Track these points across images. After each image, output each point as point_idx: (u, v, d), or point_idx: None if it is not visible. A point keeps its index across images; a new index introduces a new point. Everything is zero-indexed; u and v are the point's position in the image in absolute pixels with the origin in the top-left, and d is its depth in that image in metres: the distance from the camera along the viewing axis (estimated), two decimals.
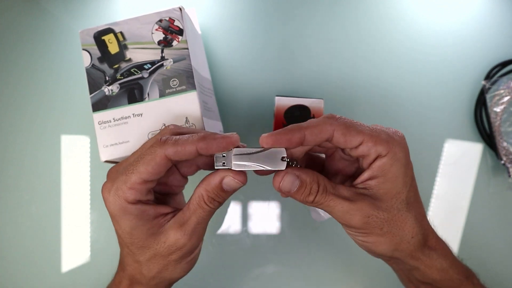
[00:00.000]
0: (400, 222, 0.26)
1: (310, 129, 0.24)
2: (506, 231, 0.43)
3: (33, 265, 0.44)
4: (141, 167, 0.25)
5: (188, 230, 0.26)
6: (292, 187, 0.25)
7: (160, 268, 0.28)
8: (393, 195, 0.26)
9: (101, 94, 0.32)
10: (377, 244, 0.27)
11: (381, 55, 0.45)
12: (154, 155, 0.25)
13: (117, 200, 0.25)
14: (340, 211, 0.25)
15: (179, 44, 0.32)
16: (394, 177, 0.25)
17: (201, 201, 0.26)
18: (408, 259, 0.28)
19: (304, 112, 0.42)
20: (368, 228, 0.26)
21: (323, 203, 0.25)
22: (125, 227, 0.26)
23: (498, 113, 0.43)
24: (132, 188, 0.25)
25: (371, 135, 0.25)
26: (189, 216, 0.26)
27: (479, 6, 0.46)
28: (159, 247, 0.27)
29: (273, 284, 0.43)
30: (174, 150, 0.24)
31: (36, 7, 0.46)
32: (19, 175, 0.44)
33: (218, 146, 0.25)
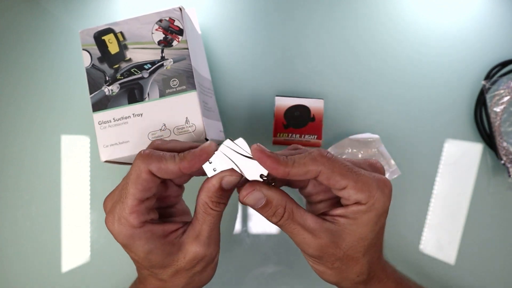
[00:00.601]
0: (352, 263, 0.27)
1: (296, 168, 0.24)
2: (506, 231, 0.43)
3: (33, 265, 0.44)
4: (131, 188, 0.25)
5: (204, 240, 0.27)
6: (257, 204, 0.25)
7: (186, 281, 0.28)
8: (356, 238, 0.26)
9: (101, 94, 0.32)
10: (324, 274, 0.28)
11: (381, 55, 0.45)
12: (139, 172, 0.25)
13: (123, 229, 0.25)
14: (300, 240, 0.26)
15: (179, 44, 0.32)
16: (364, 224, 0.26)
17: (207, 208, 0.26)
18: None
19: (304, 112, 0.42)
20: (321, 260, 0.27)
21: (286, 227, 0.26)
22: (140, 253, 0.26)
23: (498, 113, 0.43)
24: (132, 212, 0.25)
25: (356, 182, 0.25)
26: (201, 226, 0.27)
27: (479, 6, 0.46)
28: (180, 263, 0.27)
29: (273, 284, 0.43)
30: (158, 166, 0.25)
31: (36, 7, 0.46)
32: (19, 175, 0.44)
33: (200, 161, 0.25)
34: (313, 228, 0.26)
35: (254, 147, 0.25)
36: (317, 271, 0.29)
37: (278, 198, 0.25)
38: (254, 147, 0.25)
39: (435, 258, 0.43)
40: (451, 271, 0.43)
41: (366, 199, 0.25)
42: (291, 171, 0.24)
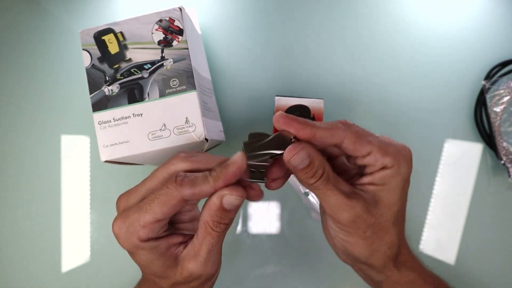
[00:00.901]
0: (383, 232, 0.27)
1: (323, 130, 0.25)
2: (506, 231, 0.43)
3: (33, 265, 0.44)
4: (156, 207, 0.24)
5: (201, 261, 0.26)
6: (301, 164, 0.25)
7: None
8: (386, 205, 0.26)
9: (101, 94, 0.32)
10: (356, 246, 0.27)
11: (381, 55, 0.45)
12: (170, 197, 0.24)
13: (129, 238, 0.25)
14: (333, 203, 0.25)
15: (179, 44, 0.32)
16: (393, 189, 0.26)
17: (207, 227, 0.26)
18: (380, 269, 0.28)
19: (304, 112, 0.42)
20: (352, 228, 0.26)
21: (321, 189, 0.25)
22: (141, 261, 0.26)
23: (498, 113, 0.43)
24: (145, 226, 0.25)
25: (380, 147, 0.25)
26: (200, 246, 0.26)
27: (479, 6, 0.46)
28: (177, 277, 0.27)
29: (273, 284, 0.43)
30: (192, 192, 0.24)
31: (36, 7, 0.46)
32: (19, 175, 0.44)
33: (234, 177, 0.25)
34: (348, 191, 0.25)
35: (277, 114, 0.25)
36: (348, 245, 0.27)
37: (320, 158, 0.25)
38: (277, 114, 0.25)
39: (435, 258, 0.43)
40: (451, 271, 0.43)
41: (392, 162, 0.25)
42: (317, 132, 0.24)
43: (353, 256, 0.28)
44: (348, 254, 0.28)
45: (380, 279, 0.29)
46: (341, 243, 0.28)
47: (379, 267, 0.28)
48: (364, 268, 0.29)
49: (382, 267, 0.28)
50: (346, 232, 0.27)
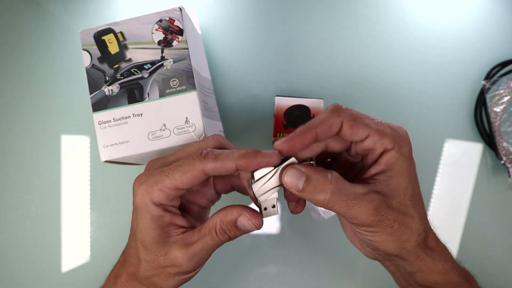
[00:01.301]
0: (408, 219, 0.26)
1: (321, 126, 0.24)
2: (506, 231, 0.43)
3: (33, 265, 0.44)
4: (177, 174, 0.25)
5: (190, 253, 0.26)
6: (298, 183, 0.24)
7: (153, 273, 0.28)
8: (401, 190, 0.26)
9: (101, 94, 0.32)
10: (386, 243, 0.26)
11: (381, 55, 0.45)
12: (192, 167, 0.25)
13: (144, 196, 0.25)
14: (356, 212, 0.24)
15: (179, 44, 0.32)
16: (401, 171, 0.25)
17: (213, 229, 0.26)
18: (412, 259, 0.28)
19: (304, 112, 0.42)
20: (379, 227, 0.25)
21: (339, 203, 0.24)
22: (140, 223, 0.26)
23: (498, 113, 0.43)
24: (161, 190, 0.25)
25: (377, 129, 0.25)
26: (196, 240, 0.26)
27: (479, 6, 0.46)
28: (160, 256, 0.27)
29: (273, 284, 0.43)
30: (214, 166, 0.24)
31: (36, 7, 0.46)
32: (19, 175, 0.44)
33: (258, 165, 0.25)
34: (364, 192, 0.25)
35: (276, 143, 0.24)
36: (378, 244, 0.26)
37: (318, 171, 0.24)
38: (276, 143, 0.24)
39: None
40: None
41: (392, 143, 0.25)
42: (318, 131, 0.24)
43: (384, 252, 0.27)
44: (379, 252, 0.28)
45: (413, 269, 0.28)
46: (369, 243, 0.27)
47: (412, 257, 0.27)
48: (396, 260, 0.29)
49: (416, 256, 0.27)
50: (373, 232, 0.26)
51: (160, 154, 0.32)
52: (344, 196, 0.24)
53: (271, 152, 0.25)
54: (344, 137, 0.25)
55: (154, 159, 0.28)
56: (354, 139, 0.25)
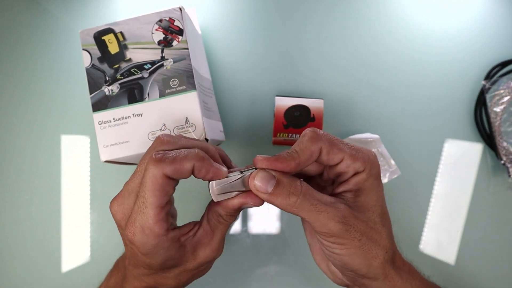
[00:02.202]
0: (375, 235, 0.26)
1: (303, 155, 0.25)
2: (506, 231, 0.43)
3: (33, 265, 0.44)
4: (150, 197, 0.24)
5: (215, 246, 0.28)
6: (268, 186, 0.25)
7: (188, 277, 0.29)
8: (369, 207, 0.26)
9: (101, 94, 0.32)
10: (354, 257, 0.26)
11: (381, 55, 0.45)
12: (154, 179, 0.24)
13: (148, 239, 0.25)
14: (322, 218, 0.25)
15: (179, 44, 0.32)
16: (369, 190, 0.26)
17: (220, 218, 0.28)
18: (381, 279, 0.28)
19: (304, 112, 0.42)
20: (347, 238, 0.25)
21: (307, 207, 0.25)
22: (159, 260, 0.26)
23: (498, 113, 0.43)
24: (157, 222, 0.25)
25: (351, 154, 0.26)
26: (213, 233, 0.28)
27: (479, 6, 0.46)
28: (189, 264, 0.28)
29: (273, 284, 0.43)
30: (173, 168, 0.24)
31: (36, 7, 0.46)
32: (19, 175, 0.44)
33: (212, 173, 0.26)
34: (332, 201, 0.25)
35: (257, 158, 0.25)
36: (346, 258, 0.26)
37: (287, 176, 0.25)
38: (257, 158, 0.25)
39: (435, 258, 0.43)
40: (451, 271, 0.43)
41: (363, 166, 0.26)
42: (300, 159, 0.25)
43: (353, 270, 0.27)
44: (348, 271, 0.28)
45: None
46: (338, 260, 0.27)
47: (381, 276, 0.27)
48: (366, 283, 0.29)
49: (384, 275, 0.27)
50: (341, 245, 0.26)
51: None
52: (314, 201, 0.25)
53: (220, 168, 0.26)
54: (321, 162, 0.26)
55: (114, 201, 0.27)
56: (329, 164, 0.26)
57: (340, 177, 0.27)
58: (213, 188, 0.26)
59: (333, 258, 0.27)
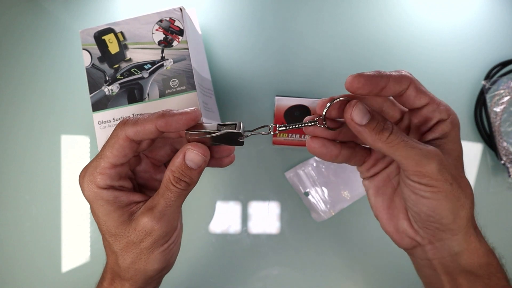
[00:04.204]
0: (463, 184, 0.26)
1: (394, 77, 0.25)
2: (506, 231, 0.43)
3: (33, 265, 0.44)
4: (107, 151, 0.25)
5: (157, 214, 0.26)
6: (363, 119, 0.24)
7: (133, 258, 0.27)
8: (455, 156, 0.26)
9: (101, 94, 0.32)
10: (444, 202, 0.25)
11: (381, 55, 0.45)
12: (116, 138, 0.25)
13: (90, 186, 0.26)
14: (416, 154, 0.24)
15: (179, 45, 0.32)
16: (454, 139, 0.26)
17: (169, 183, 0.25)
18: (462, 235, 0.27)
19: (304, 112, 0.42)
20: (440, 180, 0.24)
21: (397, 143, 0.24)
22: (99, 213, 0.26)
23: (498, 113, 0.43)
24: (102, 173, 0.25)
25: (435, 99, 0.26)
26: (158, 200, 0.26)
27: (479, 6, 0.46)
28: (130, 234, 0.26)
29: (273, 284, 0.43)
30: (134, 130, 0.25)
31: (36, 7, 0.46)
32: (19, 175, 0.44)
33: (177, 123, 0.25)
34: (422, 144, 0.25)
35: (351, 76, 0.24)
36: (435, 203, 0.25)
37: (378, 113, 0.25)
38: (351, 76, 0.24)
39: None
40: None
41: (447, 114, 0.26)
42: (391, 80, 0.25)
43: (439, 218, 0.26)
44: (430, 221, 0.26)
45: (460, 248, 0.27)
46: (426, 206, 0.25)
47: (463, 229, 0.26)
48: (445, 237, 0.27)
49: (466, 230, 0.26)
50: (433, 187, 0.24)
51: None
52: (405, 137, 0.24)
53: (190, 109, 0.25)
54: (408, 100, 0.26)
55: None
56: (415, 106, 0.26)
57: (424, 125, 0.27)
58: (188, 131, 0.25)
59: (421, 204, 0.26)
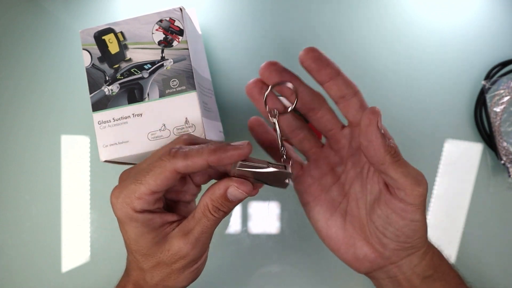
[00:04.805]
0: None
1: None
2: (506, 231, 0.43)
3: (33, 265, 0.44)
4: (150, 179, 0.24)
5: (192, 239, 0.26)
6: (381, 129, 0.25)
7: (163, 277, 0.27)
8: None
9: (101, 94, 0.32)
10: (424, 223, 0.27)
11: (380, 55, 0.45)
12: (163, 169, 0.24)
13: (124, 208, 0.25)
14: (414, 173, 0.26)
15: (179, 45, 0.32)
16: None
17: (206, 210, 0.26)
18: (424, 248, 0.29)
19: None
20: (424, 199, 0.27)
21: (400, 161, 0.26)
22: (131, 233, 0.26)
23: (498, 113, 0.43)
24: (140, 198, 0.25)
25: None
26: (194, 225, 0.26)
27: (479, 6, 0.46)
28: (163, 255, 0.26)
29: (273, 284, 0.43)
30: (184, 164, 0.24)
31: (36, 7, 0.46)
32: (19, 175, 0.44)
33: (229, 159, 0.24)
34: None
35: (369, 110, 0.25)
36: (416, 224, 0.27)
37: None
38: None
39: None
40: None
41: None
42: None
43: (415, 239, 0.27)
44: (405, 242, 0.28)
45: (420, 259, 0.29)
46: (404, 229, 0.27)
47: (426, 243, 0.29)
48: (410, 253, 0.29)
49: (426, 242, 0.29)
50: (420, 208, 0.27)
51: None
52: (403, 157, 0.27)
53: (242, 143, 0.25)
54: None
55: (126, 169, 0.28)
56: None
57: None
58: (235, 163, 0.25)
59: (404, 225, 0.27)
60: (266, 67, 0.27)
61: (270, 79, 0.28)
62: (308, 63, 0.26)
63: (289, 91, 0.29)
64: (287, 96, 0.30)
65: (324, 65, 0.26)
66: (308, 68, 0.27)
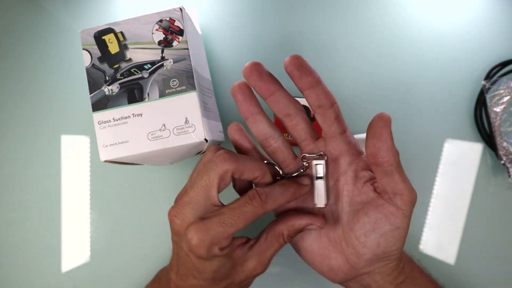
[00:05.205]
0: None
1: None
2: (506, 231, 0.43)
3: (33, 265, 0.44)
4: (241, 224, 0.25)
5: (265, 261, 0.29)
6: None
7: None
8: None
9: (101, 94, 0.32)
10: (404, 230, 0.27)
11: (380, 55, 0.45)
12: (255, 214, 0.26)
13: (211, 248, 0.25)
14: (406, 180, 0.27)
15: (179, 45, 0.32)
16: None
17: (280, 237, 0.28)
18: (398, 259, 0.30)
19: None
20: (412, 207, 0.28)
21: (399, 166, 0.27)
22: (213, 266, 0.26)
23: (498, 113, 0.43)
24: (227, 238, 0.25)
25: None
26: (267, 248, 0.29)
27: (479, 6, 0.46)
28: (237, 276, 0.28)
29: (273, 284, 0.43)
30: (274, 208, 0.26)
31: (36, 7, 0.46)
32: (19, 175, 0.44)
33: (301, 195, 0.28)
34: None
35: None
36: (400, 232, 0.27)
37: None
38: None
39: (435, 258, 0.43)
40: (451, 271, 0.43)
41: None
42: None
43: (394, 249, 0.28)
44: (384, 253, 0.28)
45: (394, 267, 0.30)
46: (389, 239, 0.27)
47: (401, 255, 0.30)
48: (386, 263, 0.29)
49: (401, 255, 0.30)
50: (405, 216, 0.27)
51: (159, 154, 0.32)
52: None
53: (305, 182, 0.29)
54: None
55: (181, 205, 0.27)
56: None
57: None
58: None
59: (389, 235, 0.27)
60: (248, 68, 0.28)
61: (251, 81, 0.29)
62: (291, 69, 0.27)
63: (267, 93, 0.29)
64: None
65: (306, 73, 0.27)
66: (291, 74, 0.27)
